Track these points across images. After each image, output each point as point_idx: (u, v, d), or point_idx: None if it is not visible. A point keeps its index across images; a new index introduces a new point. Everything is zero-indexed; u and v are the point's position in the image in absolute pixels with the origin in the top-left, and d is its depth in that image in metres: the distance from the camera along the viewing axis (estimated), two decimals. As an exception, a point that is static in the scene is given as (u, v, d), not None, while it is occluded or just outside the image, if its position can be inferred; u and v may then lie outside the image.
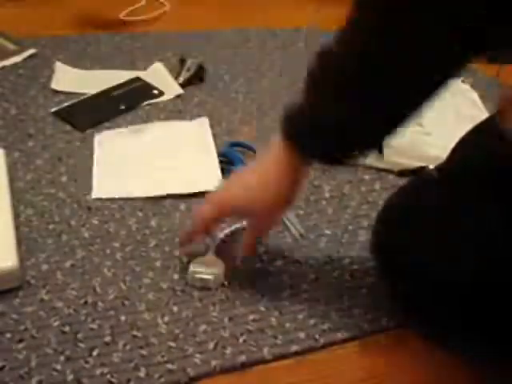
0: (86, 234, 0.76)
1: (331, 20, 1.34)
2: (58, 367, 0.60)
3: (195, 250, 0.72)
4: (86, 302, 0.67)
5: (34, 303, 0.66)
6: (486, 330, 0.59)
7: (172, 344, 0.63)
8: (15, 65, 1.09)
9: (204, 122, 0.96)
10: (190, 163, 0.87)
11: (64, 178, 0.84)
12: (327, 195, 0.85)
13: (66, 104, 1.00)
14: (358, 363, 0.64)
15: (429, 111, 0.55)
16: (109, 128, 0.95)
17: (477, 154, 0.63)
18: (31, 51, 1.12)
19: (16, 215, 0.76)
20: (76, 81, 1.06)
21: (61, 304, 0.66)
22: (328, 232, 0.79)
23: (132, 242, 0.75)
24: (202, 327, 0.65)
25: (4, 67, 1.08)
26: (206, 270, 0.69)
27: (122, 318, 0.66)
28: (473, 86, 1.12)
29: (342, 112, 0.57)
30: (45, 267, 0.71)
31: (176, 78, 1.07)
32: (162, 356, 0.62)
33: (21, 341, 0.62)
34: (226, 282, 0.70)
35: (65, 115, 0.97)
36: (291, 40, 1.26)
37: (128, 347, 0.63)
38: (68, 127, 0.95)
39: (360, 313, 0.68)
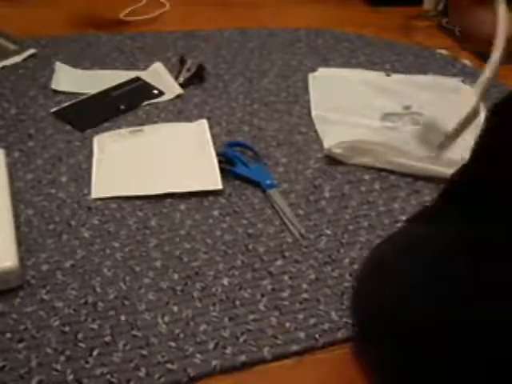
0: (86, 234, 0.76)
1: (331, 20, 1.35)
2: (58, 367, 0.60)
3: None
4: (86, 302, 0.67)
5: (34, 303, 0.66)
6: None
7: (172, 344, 0.63)
8: (15, 65, 1.09)
9: (203, 123, 0.96)
10: (189, 163, 0.87)
11: (64, 178, 0.84)
12: (327, 195, 0.85)
13: (65, 104, 1.00)
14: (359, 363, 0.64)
15: (429, 111, 0.52)
16: (109, 128, 0.95)
17: None
18: (31, 51, 1.12)
19: (16, 215, 0.76)
20: (76, 81, 1.06)
21: (61, 304, 0.66)
22: (328, 232, 0.79)
23: (132, 242, 0.75)
24: (202, 327, 0.65)
25: (4, 67, 1.08)
26: None
27: (122, 318, 0.66)
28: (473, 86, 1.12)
29: None
30: (45, 267, 0.71)
31: (176, 78, 1.07)
32: (162, 356, 0.62)
33: (21, 341, 0.62)
34: (225, 283, 0.70)
35: (65, 115, 0.97)
36: (291, 40, 1.26)
37: (128, 347, 0.63)
38: (68, 127, 0.95)
39: (360, 313, 0.68)
